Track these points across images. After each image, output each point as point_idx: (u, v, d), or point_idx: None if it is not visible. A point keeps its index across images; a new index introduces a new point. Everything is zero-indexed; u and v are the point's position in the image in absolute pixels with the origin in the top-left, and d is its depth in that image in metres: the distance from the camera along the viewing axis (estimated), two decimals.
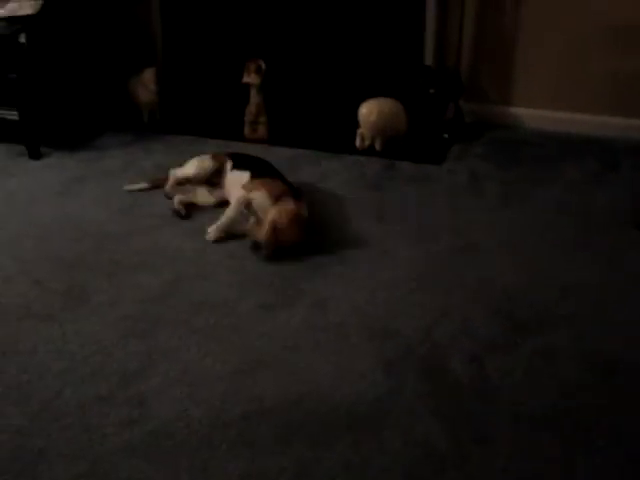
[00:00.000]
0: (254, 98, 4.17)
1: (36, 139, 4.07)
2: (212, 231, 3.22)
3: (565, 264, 3.02)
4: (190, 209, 3.48)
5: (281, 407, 2.32)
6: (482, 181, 3.71)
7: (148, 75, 4.33)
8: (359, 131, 4.03)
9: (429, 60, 4.15)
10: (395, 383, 2.41)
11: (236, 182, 3.34)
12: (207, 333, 2.67)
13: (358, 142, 4.06)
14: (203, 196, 3.52)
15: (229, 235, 3.22)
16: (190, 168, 3.54)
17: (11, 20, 3.88)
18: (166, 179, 3.55)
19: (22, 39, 3.86)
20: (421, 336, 2.63)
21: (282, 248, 3.04)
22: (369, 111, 3.97)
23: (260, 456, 2.15)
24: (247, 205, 3.18)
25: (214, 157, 3.54)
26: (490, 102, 4.33)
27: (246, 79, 4.13)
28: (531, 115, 4.25)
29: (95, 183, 3.78)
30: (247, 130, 4.24)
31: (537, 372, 2.45)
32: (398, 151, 4.00)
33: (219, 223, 3.22)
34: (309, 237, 3.10)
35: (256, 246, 3.09)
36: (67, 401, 2.37)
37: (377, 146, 4.01)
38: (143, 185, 3.69)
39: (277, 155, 4.01)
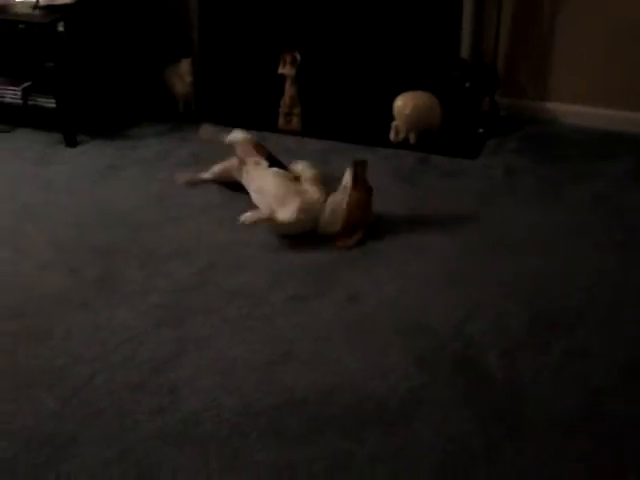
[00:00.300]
0: (289, 89, 4.17)
1: (73, 127, 4.10)
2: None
3: (599, 264, 2.99)
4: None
5: (312, 398, 2.33)
6: (517, 176, 3.68)
7: (184, 66, 4.34)
8: (394, 124, 4.02)
9: (465, 54, 4.13)
10: (427, 377, 2.41)
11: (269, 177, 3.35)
12: (239, 323, 2.68)
13: (392, 135, 4.04)
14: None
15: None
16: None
17: (50, 9, 3.91)
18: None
19: (60, 28, 3.88)
20: (453, 331, 2.62)
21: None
22: (404, 104, 3.96)
23: (291, 446, 2.16)
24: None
25: (256, 147, 3.53)
26: (526, 97, 4.29)
27: (281, 70, 4.13)
28: (568, 110, 4.21)
29: (130, 171, 3.80)
30: (281, 121, 4.24)
31: (568, 372, 2.43)
32: (432, 145, 3.97)
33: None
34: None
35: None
36: (99, 387, 2.39)
37: (411, 139, 3.99)
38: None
39: (311, 147, 4.01)
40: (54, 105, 4.04)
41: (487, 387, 2.37)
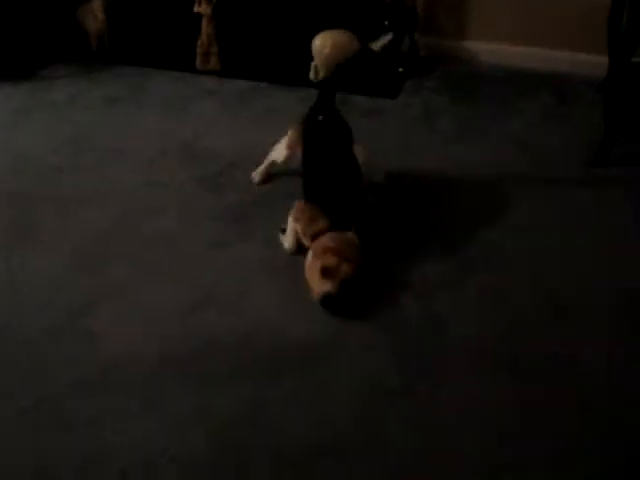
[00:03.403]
0: (205, 28, 4.08)
1: None
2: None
3: (517, 202, 3.02)
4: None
5: (232, 343, 2.32)
6: (436, 115, 3.69)
7: (96, 3, 4.21)
8: (313, 64, 3.97)
9: None
10: (346, 319, 2.41)
11: None
12: (157, 268, 2.64)
13: (312, 75, 3.99)
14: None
15: None
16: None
17: None
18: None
19: None
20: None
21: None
22: (323, 43, 3.88)
23: (210, 391, 2.15)
24: None
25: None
26: (446, 36, 4.28)
27: (197, 9, 4.04)
28: (486, 49, 4.22)
29: (41, 114, 3.69)
30: (199, 61, 4.16)
31: (487, 309, 2.47)
32: (352, 84, 3.94)
33: None
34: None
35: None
36: (13, 335, 2.34)
37: None
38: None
39: (231, 87, 3.96)
40: None
41: (405, 326, 2.39)
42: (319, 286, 2.42)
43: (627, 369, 2.25)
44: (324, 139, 2.89)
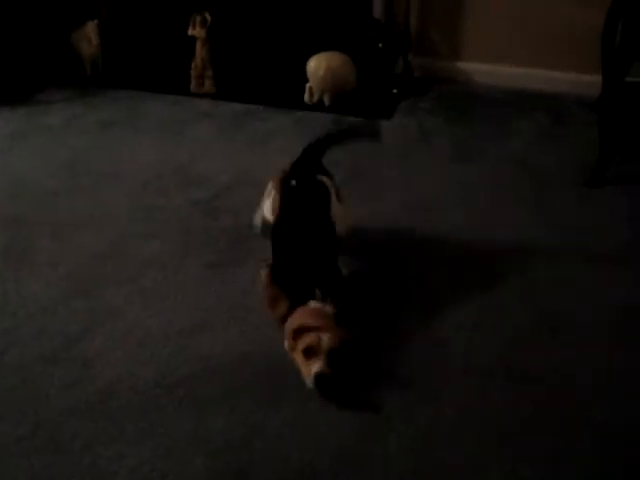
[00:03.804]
0: (200, 51, 4.10)
1: None
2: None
3: (516, 220, 3.03)
4: None
5: (228, 365, 2.30)
6: (432, 136, 3.70)
7: (90, 27, 4.23)
8: (308, 86, 3.98)
9: (378, 14, 4.11)
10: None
11: None
12: (153, 292, 2.62)
13: (307, 97, 4.01)
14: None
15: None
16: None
17: None
18: None
19: None
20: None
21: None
22: (318, 65, 3.92)
23: (207, 414, 2.13)
24: None
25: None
26: (440, 56, 4.30)
27: (191, 32, 4.05)
28: (480, 70, 4.24)
29: (37, 139, 3.69)
30: (193, 84, 4.17)
31: (488, 327, 2.46)
32: (347, 106, 3.96)
33: None
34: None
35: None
36: (10, 362, 2.32)
37: (326, 101, 3.97)
38: None
39: (225, 110, 3.96)
40: None
41: (406, 344, 2.38)
42: (307, 369, 2.19)
43: (627, 374, 2.27)
44: (295, 208, 2.60)
